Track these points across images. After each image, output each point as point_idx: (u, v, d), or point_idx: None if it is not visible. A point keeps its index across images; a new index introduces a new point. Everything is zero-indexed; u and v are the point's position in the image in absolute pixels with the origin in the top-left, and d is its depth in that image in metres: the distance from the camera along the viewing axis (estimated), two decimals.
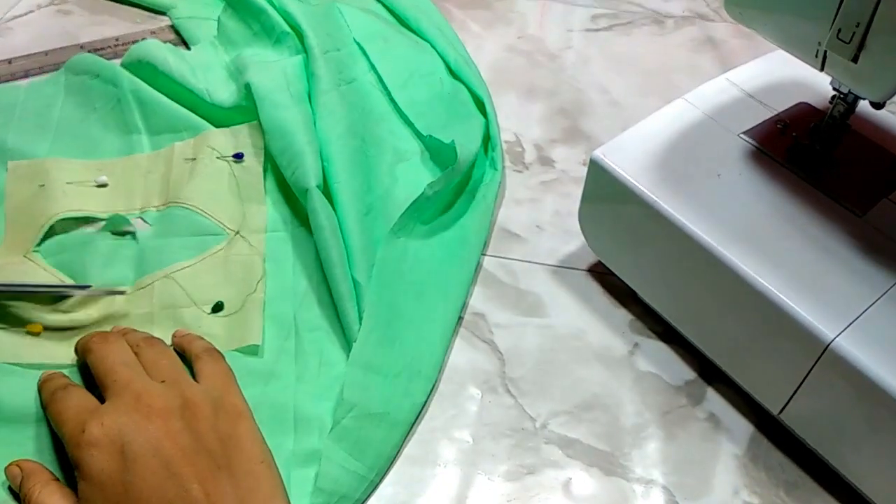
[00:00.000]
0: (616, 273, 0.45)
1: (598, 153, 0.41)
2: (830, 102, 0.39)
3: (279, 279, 0.45)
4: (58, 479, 0.35)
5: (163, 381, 0.35)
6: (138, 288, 0.43)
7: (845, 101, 0.38)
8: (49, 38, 0.63)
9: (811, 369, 0.35)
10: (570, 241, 0.49)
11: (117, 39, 0.63)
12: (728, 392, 0.41)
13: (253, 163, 0.50)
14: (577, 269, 0.47)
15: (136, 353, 0.38)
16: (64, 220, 0.46)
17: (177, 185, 0.49)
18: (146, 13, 0.66)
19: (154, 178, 0.50)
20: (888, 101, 0.35)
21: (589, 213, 0.44)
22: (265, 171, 0.50)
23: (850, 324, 0.33)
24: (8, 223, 0.47)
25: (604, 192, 0.42)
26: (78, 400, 0.36)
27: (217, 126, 0.52)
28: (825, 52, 0.34)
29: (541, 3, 0.70)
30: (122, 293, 0.43)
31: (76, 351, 0.39)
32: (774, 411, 0.38)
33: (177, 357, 0.38)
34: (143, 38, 0.63)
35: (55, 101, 0.55)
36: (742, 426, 0.40)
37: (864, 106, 0.38)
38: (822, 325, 0.34)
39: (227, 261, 0.45)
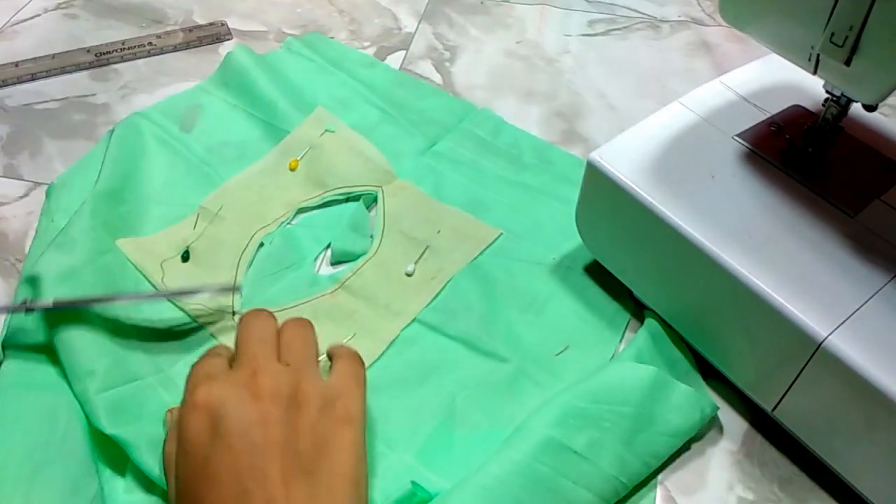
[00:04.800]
0: (613, 272, 0.45)
1: (595, 155, 0.42)
2: (823, 105, 0.39)
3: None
4: None
5: (287, 365, 0.34)
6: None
7: (838, 103, 0.38)
8: (55, 41, 0.64)
9: (804, 367, 0.35)
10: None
11: (123, 43, 0.63)
12: (723, 389, 0.42)
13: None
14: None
15: (280, 331, 0.37)
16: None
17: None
18: (152, 18, 0.67)
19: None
20: (880, 104, 0.35)
21: (586, 213, 0.45)
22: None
23: (843, 322, 0.34)
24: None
25: (600, 194, 0.42)
26: (210, 363, 0.35)
27: None
28: (818, 55, 0.35)
29: (539, 9, 0.70)
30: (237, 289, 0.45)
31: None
32: (768, 408, 0.39)
33: (315, 347, 0.37)
34: (149, 43, 0.63)
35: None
36: (736, 423, 0.41)
37: (856, 108, 0.38)
38: (815, 323, 0.34)
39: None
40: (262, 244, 0.49)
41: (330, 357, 0.38)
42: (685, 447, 0.40)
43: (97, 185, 0.49)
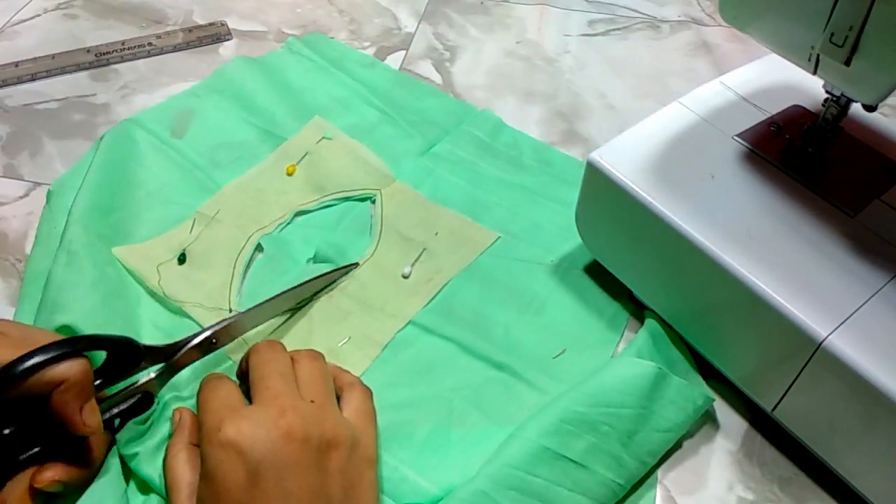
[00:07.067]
0: (612, 272, 0.45)
1: (595, 155, 0.42)
2: (823, 105, 0.39)
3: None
4: (197, 445, 0.35)
5: (312, 401, 0.34)
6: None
7: (838, 103, 0.38)
8: (55, 41, 0.64)
9: (804, 367, 0.35)
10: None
11: (123, 43, 0.63)
12: (722, 389, 0.42)
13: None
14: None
15: (294, 363, 0.37)
16: None
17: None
18: (152, 18, 0.67)
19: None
20: (880, 104, 0.35)
21: (586, 213, 0.45)
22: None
23: (843, 322, 0.34)
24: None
25: (600, 194, 0.42)
26: (226, 393, 0.35)
27: None
28: (818, 55, 0.35)
29: (539, 9, 0.70)
30: (355, 265, 0.47)
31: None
32: (768, 408, 0.39)
33: (332, 379, 0.37)
34: (149, 43, 0.63)
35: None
36: (736, 422, 0.41)
37: (856, 108, 0.38)
38: (815, 323, 0.34)
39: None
40: (259, 246, 0.48)
41: (336, 383, 0.38)
42: (683, 446, 0.40)
43: (80, 197, 0.48)
